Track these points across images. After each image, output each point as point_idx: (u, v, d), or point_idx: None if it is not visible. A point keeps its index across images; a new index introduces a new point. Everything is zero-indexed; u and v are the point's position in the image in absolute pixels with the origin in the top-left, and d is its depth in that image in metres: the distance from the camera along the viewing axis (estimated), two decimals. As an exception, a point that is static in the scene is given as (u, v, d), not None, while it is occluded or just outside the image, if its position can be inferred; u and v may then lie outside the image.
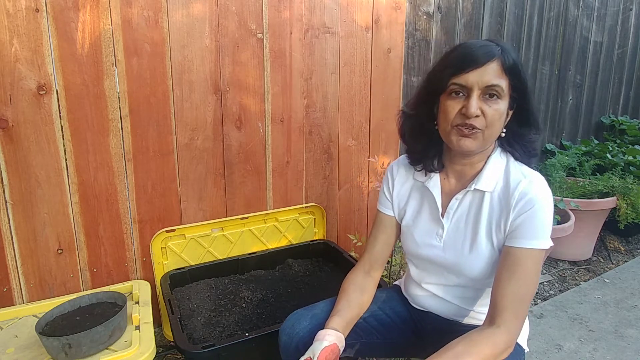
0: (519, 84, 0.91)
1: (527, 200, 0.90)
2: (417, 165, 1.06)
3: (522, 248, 0.89)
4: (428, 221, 1.05)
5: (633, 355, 1.72)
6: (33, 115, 1.38)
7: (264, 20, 1.70)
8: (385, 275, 1.89)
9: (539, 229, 0.89)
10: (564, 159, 2.77)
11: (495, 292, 0.89)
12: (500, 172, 0.97)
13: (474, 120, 0.89)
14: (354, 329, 1.07)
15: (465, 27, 2.41)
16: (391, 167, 1.14)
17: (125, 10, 1.45)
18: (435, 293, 1.07)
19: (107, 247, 1.58)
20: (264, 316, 1.46)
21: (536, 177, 0.94)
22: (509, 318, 0.86)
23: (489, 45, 0.90)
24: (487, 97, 0.89)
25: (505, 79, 0.89)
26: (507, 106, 0.92)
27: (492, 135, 0.92)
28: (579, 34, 3.07)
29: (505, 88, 0.89)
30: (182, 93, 1.60)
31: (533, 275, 0.89)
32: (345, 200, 2.08)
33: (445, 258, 1.01)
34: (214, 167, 1.72)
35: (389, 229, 1.13)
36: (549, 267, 2.47)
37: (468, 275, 0.99)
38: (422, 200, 1.07)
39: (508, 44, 0.97)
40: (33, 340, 1.27)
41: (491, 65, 0.88)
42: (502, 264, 0.91)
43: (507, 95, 0.90)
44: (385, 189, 1.14)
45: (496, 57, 0.88)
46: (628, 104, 3.67)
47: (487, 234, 0.96)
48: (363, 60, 1.96)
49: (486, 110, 0.89)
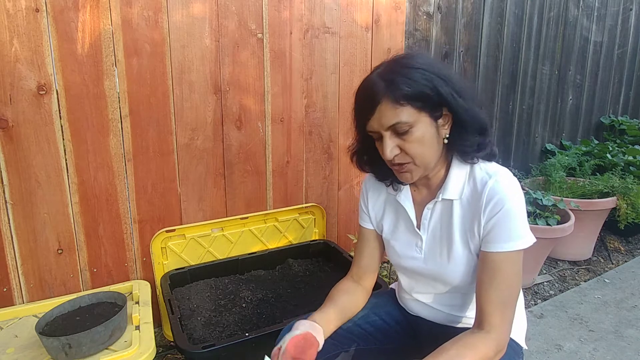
0: (423, 103, 0.86)
1: (496, 202, 0.87)
2: (385, 181, 1.06)
3: (499, 252, 0.87)
4: (406, 233, 1.04)
5: (633, 355, 1.72)
6: (33, 115, 1.38)
7: (264, 20, 1.70)
8: (385, 276, 1.89)
9: (512, 230, 0.87)
10: (564, 159, 2.77)
11: (479, 298, 0.89)
12: (465, 176, 0.94)
13: (397, 158, 0.90)
14: (349, 335, 1.06)
15: (465, 27, 2.41)
16: (365, 181, 1.13)
17: (125, 10, 1.45)
18: (425, 302, 1.07)
19: (107, 247, 1.58)
20: (264, 316, 1.46)
21: (502, 174, 0.90)
22: (497, 323, 0.85)
23: (374, 86, 0.87)
24: (399, 133, 0.87)
25: (404, 109, 0.85)
26: (429, 124, 0.88)
27: (427, 158, 0.90)
28: (579, 34, 3.07)
29: (411, 116, 0.85)
30: (182, 93, 1.60)
31: (514, 276, 0.88)
32: (345, 200, 2.08)
33: (428, 269, 1.00)
34: (214, 167, 1.72)
35: (372, 242, 1.12)
36: (549, 267, 2.47)
37: (451, 283, 0.98)
38: (397, 213, 1.06)
39: (410, 59, 0.90)
40: (33, 340, 1.27)
41: (382, 106, 0.86)
42: (482, 269, 0.90)
43: (419, 116, 0.86)
44: (362, 203, 1.13)
45: (381, 97, 0.85)
46: (628, 104, 3.67)
47: (463, 241, 0.94)
48: (363, 60, 1.96)
49: (403, 145, 0.88)
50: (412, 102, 0.85)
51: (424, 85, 0.85)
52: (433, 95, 0.86)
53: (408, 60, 0.89)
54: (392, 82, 0.85)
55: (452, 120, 0.91)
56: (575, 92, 3.21)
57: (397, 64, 0.89)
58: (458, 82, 0.90)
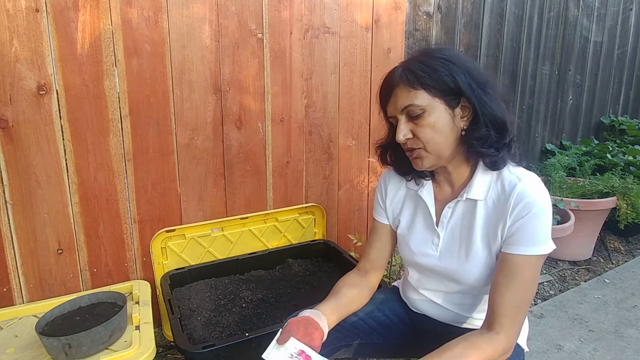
0: (439, 90, 0.88)
1: (524, 205, 0.86)
2: (406, 175, 1.06)
3: (520, 255, 0.87)
4: (423, 230, 1.04)
5: (633, 355, 1.72)
6: (33, 115, 1.38)
7: (264, 20, 1.70)
8: (385, 276, 1.89)
9: (537, 234, 0.86)
10: (564, 159, 2.77)
11: (493, 299, 0.88)
12: (492, 178, 0.93)
13: (409, 142, 0.93)
14: (353, 329, 1.07)
15: (465, 27, 2.41)
16: (384, 175, 1.14)
17: (125, 10, 1.45)
18: (433, 299, 1.07)
19: (107, 247, 1.58)
20: (264, 316, 1.46)
21: (532, 179, 0.90)
22: (507, 325, 0.85)
23: (393, 73, 0.92)
24: (412, 117, 0.90)
25: (418, 93, 0.88)
26: (444, 111, 0.89)
27: (439, 145, 0.91)
28: (579, 34, 3.07)
29: (425, 100, 0.88)
30: (182, 93, 1.60)
31: (532, 281, 0.87)
32: (345, 200, 2.08)
33: (443, 266, 1.00)
34: (214, 167, 1.72)
35: (384, 237, 1.13)
36: (549, 267, 2.47)
37: (466, 283, 0.98)
38: (415, 209, 1.06)
39: (436, 49, 0.94)
40: (33, 340, 1.27)
41: (397, 90, 0.90)
42: (500, 270, 0.89)
43: (434, 102, 0.88)
44: (379, 197, 1.13)
45: (397, 79, 0.90)
46: (628, 104, 3.67)
47: (483, 241, 0.94)
48: (363, 60, 1.96)
49: (415, 130, 0.91)
50: (426, 87, 0.88)
51: (440, 72, 0.87)
52: (449, 82, 0.87)
53: (432, 51, 0.93)
54: (409, 68, 0.89)
55: (472, 113, 0.91)
56: (575, 92, 3.22)
57: (421, 54, 0.93)
58: (481, 76, 0.90)
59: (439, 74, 0.88)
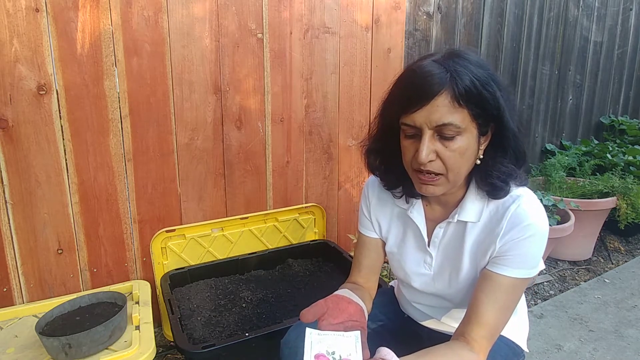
0: (482, 112, 0.76)
1: (517, 229, 0.80)
2: (394, 190, 0.95)
3: (506, 276, 0.81)
4: (414, 250, 0.97)
5: (633, 355, 1.72)
6: (33, 115, 1.38)
7: (264, 20, 1.70)
8: (385, 275, 1.89)
9: (528, 259, 0.81)
10: (564, 159, 2.77)
11: (474, 315, 0.82)
12: (485, 198, 0.85)
13: (430, 165, 0.78)
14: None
15: (465, 27, 2.41)
16: (368, 184, 1.03)
17: (125, 10, 1.45)
18: (426, 312, 1.06)
19: (107, 247, 1.58)
20: (264, 316, 1.46)
21: (527, 200, 0.82)
22: (486, 346, 0.81)
23: (435, 74, 0.74)
24: (443, 137, 0.76)
25: (461, 110, 0.74)
26: (475, 137, 0.78)
27: (461, 174, 0.81)
28: (579, 34, 3.07)
29: (464, 121, 0.75)
30: (182, 93, 1.60)
31: (514, 303, 0.84)
32: (345, 200, 2.08)
33: (435, 287, 0.96)
34: (214, 167, 1.72)
35: (374, 252, 1.04)
36: (549, 267, 2.47)
37: (454, 301, 0.96)
38: (405, 228, 0.98)
39: (472, 56, 0.78)
40: (33, 340, 1.27)
41: (439, 100, 0.74)
42: (483, 287, 0.83)
43: (471, 125, 0.76)
44: (365, 209, 1.03)
45: (444, 87, 0.73)
46: (628, 104, 3.67)
47: (472, 263, 0.89)
48: (363, 60, 1.96)
49: (442, 153, 0.77)
50: (470, 107, 0.75)
51: (489, 93, 0.75)
52: (493, 108, 0.76)
53: (469, 55, 0.78)
54: (458, 74, 0.74)
55: (490, 140, 0.81)
56: (575, 92, 3.21)
57: (458, 56, 0.77)
58: (511, 97, 0.80)
59: (488, 94, 0.75)
